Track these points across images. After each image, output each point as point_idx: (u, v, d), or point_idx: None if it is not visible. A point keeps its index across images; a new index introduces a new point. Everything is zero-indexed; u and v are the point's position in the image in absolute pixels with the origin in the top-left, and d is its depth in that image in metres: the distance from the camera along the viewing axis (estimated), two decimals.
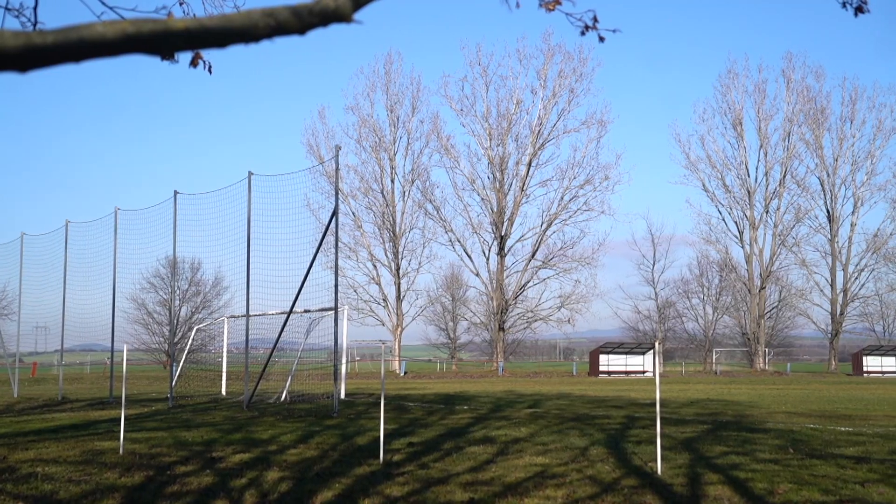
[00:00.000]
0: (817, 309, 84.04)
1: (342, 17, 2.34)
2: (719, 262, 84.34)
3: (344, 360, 28.28)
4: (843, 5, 6.75)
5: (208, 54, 5.84)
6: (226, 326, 34.67)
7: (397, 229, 73.03)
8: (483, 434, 16.40)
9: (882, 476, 11.09)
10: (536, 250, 72.25)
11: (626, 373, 67.90)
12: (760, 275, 79.23)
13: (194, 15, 6.21)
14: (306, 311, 25.66)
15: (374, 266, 73.73)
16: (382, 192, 72.98)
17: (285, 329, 25.28)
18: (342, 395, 27.77)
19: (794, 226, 79.60)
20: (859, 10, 6.69)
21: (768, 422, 20.00)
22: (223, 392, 32.55)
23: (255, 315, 26.18)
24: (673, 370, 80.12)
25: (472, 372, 73.29)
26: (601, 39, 6.16)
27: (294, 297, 24.02)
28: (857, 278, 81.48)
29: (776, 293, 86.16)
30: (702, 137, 79.83)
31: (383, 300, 74.16)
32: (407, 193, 73.46)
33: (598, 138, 71.63)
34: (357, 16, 2.44)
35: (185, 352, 35.85)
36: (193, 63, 5.29)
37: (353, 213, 73.04)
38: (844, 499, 9.48)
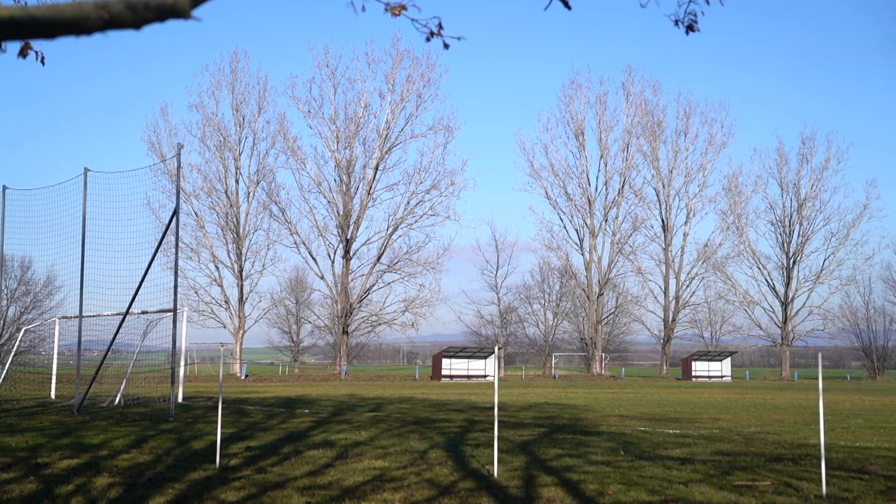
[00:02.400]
0: (651, 315, 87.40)
1: (180, 12, 2.30)
2: (560, 268, 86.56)
3: (182, 363, 27.59)
4: (676, 23, 7.05)
5: (40, 45, 5.60)
6: (57, 327, 33.25)
7: (241, 230, 71.77)
8: (323, 438, 16.31)
9: (704, 476, 11.63)
10: (382, 254, 72.40)
11: (468, 377, 68.75)
12: (599, 282, 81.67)
13: (25, 3, 5.95)
14: (144, 313, 24.92)
15: (217, 267, 72.29)
16: (226, 193, 71.61)
17: (121, 331, 24.46)
18: (179, 399, 27.06)
19: (631, 234, 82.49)
20: (690, 28, 7.00)
21: (602, 425, 20.65)
22: (52, 395, 31.19)
23: (89, 316, 25.21)
24: (514, 374, 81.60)
25: (315, 375, 72.73)
26: (446, 46, 6.24)
27: (131, 297, 23.27)
28: (688, 286, 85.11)
29: (613, 300, 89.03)
30: (545, 146, 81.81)
31: (225, 302, 72.74)
32: (252, 194, 72.36)
33: (445, 144, 72.48)
34: (197, 12, 2.41)
35: (12, 353, 34.18)
36: (23, 53, 5.06)
37: (196, 214, 71.37)
38: (669, 498, 9.89)
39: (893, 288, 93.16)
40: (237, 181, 71.96)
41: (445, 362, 69.20)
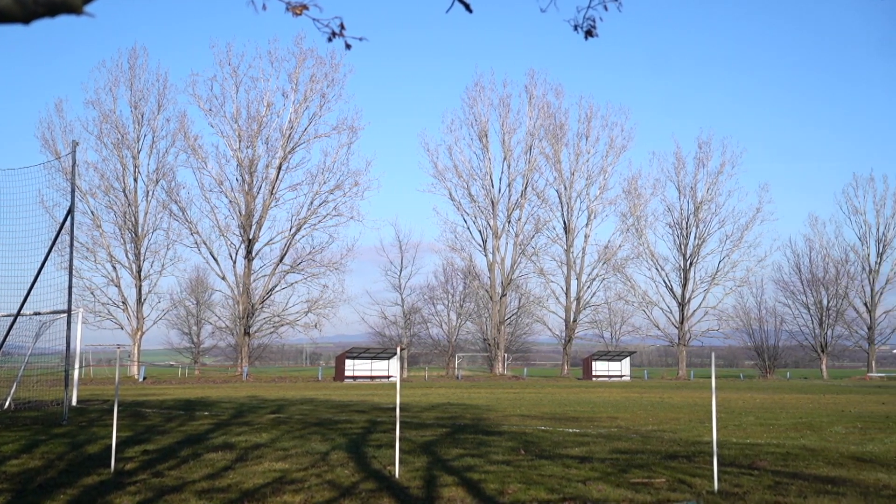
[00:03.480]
0: (553, 316, 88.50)
1: (71, 7, 2.26)
2: (463, 269, 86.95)
3: (77, 366, 26.85)
4: (575, 28, 7.18)
5: None
6: None
7: (140, 230, 70.19)
8: (223, 440, 16.09)
9: (602, 474, 11.84)
10: (285, 254, 71.70)
11: (372, 378, 68.60)
12: (502, 282, 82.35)
13: None
14: (36, 314, 24.19)
15: (114, 267, 70.53)
16: (124, 191, 69.93)
17: (12, 332, 23.68)
18: (74, 402, 26.35)
19: (533, 236, 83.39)
20: (589, 33, 7.14)
21: (503, 425, 20.85)
22: None
23: None
24: (417, 375, 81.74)
25: (216, 377, 71.63)
26: (348, 47, 6.22)
27: (23, 298, 22.55)
28: (589, 287, 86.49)
29: (516, 300, 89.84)
30: (449, 147, 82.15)
31: (123, 303, 71.05)
32: (151, 193, 70.81)
33: (349, 144, 72.11)
34: (90, 8, 2.37)
35: None
36: None
37: (92, 212, 69.51)
38: (567, 497, 10.05)
39: (784, 289, 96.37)
40: (136, 180, 70.38)
41: (349, 363, 68.91)
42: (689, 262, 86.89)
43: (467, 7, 6.13)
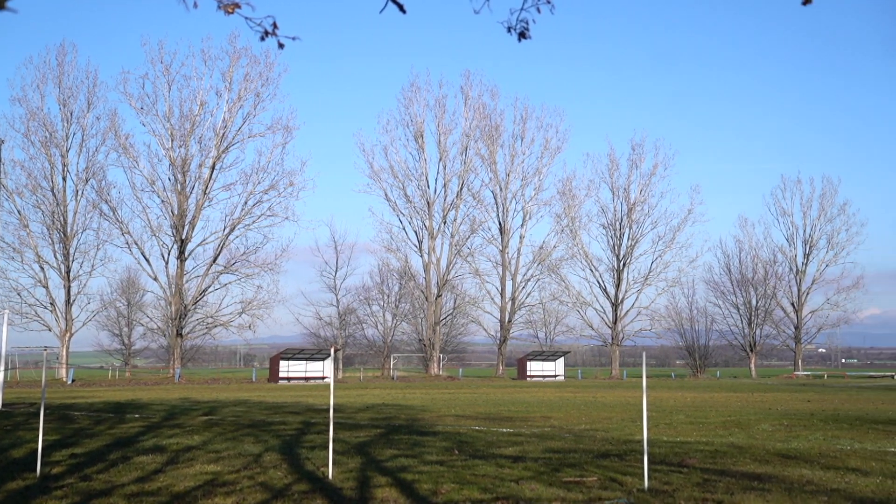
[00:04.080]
0: (488, 316, 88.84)
1: None
2: (399, 270, 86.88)
3: (2, 368, 26.24)
4: (509, 30, 7.23)
5: None
6: None
7: (69, 230, 68.81)
8: (153, 443, 15.86)
9: (535, 473, 11.93)
10: (218, 255, 70.89)
11: (306, 379, 68.18)
12: (437, 283, 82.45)
13: None
14: None
15: (42, 268, 69.04)
16: (53, 191, 68.48)
17: None
18: None
19: (469, 236, 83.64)
20: (522, 35, 7.19)
21: (438, 425, 20.88)
22: None
23: None
24: (352, 376, 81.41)
25: (147, 379, 70.53)
26: (280, 46, 6.20)
27: None
28: (524, 287, 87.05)
29: (451, 301, 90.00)
30: (385, 148, 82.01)
31: (51, 304, 69.58)
32: (80, 193, 69.44)
33: (284, 144, 71.66)
34: (13, 3, 2.33)
35: None
36: None
37: (19, 212, 67.94)
38: (500, 496, 10.10)
39: (714, 289, 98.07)
40: (64, 179, 68.98)
41: (283, 364, 68.41)
42: (622, 263, 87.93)
43: (401, 8, 6.15)
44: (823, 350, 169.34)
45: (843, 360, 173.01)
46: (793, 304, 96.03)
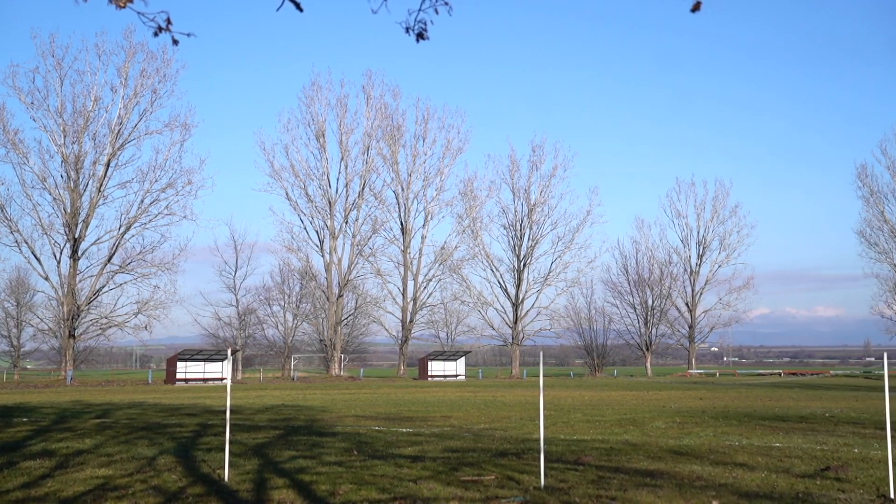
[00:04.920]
0: (390, 316, 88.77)
1: None
2: (300, 269, 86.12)
3: None
4: (407, 30, 7.26)
5: None
6: None
7: None
8: (42, 447, 15.39)
9: (434, 473, 11.98)
10: (113, 254, 69.19)
11: (205, 380, 67.09)
12: (339, 283, 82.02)
13: None
14: None
15: None
16: None
17: None
18: None
19: (371, 236, 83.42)
20: (420, 36, 7.23)
21: (338, 425, 20.79)
22: None
23: None
24: (252, 377, 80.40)
25: (37, 382, 68.42)
26: (175, 42, 6.09)
27: None
28: (425, 288, 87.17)
29: (353, 301, 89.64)
30: (286, 147, 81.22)
31: None
32: None
33: (182, 141, 70.31)
34: None
35: None
36: None
37: None
38: (398, 496, 10.12)
39: (612, 290, 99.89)
40: None
41: (181, 365, 67.18)
42: (522, 263, 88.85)
43: (297, 6, 6.12)
44: (716, 349, 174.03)
45: (729, 359, 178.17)
46: (687, 304, 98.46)
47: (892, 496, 10.02)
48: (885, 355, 11.77)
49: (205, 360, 68.86)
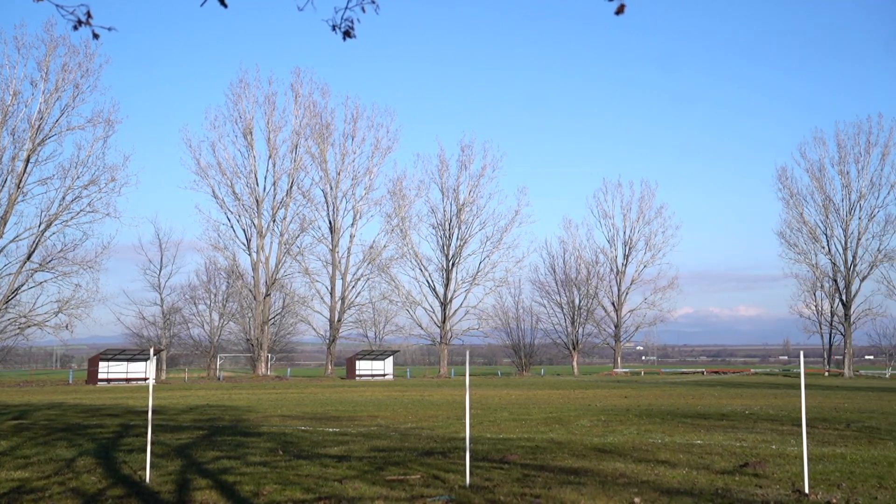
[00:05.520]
0: (318, 315, 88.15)
1: None
2: (227, 268, 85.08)
3: None
4: (333, 28, 7.22)
5: None
6: None
7: None
8: None
9: (359, 472, 11.94)
10: (33, 252, 67.42)
11: (128, 380, 65.92)
12: (266, 282, 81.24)
13: None
14: None
15: None
16: None
17: None
18: None
19: (298, 235, 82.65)
20: (347, 34, 7.20)
21: (263, 425, 20.60)
22: None
23: None
24: (177, 376, 79.28)
25: None
26: (95, 36, 5.98)
27: None
28: (354, 287, 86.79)
29: (280, 300, 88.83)
30: (213, 144, 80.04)
31: None
32: None
33: (105, 138, 68.71)
34: None
35: None
36: None
37: None
38: (323, 496, 10.06)
39: (540, 289, 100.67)
40: None
41: (103, 365, 65.91)
42: (451, 263, 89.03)
43: (222, 2, 6.04)
44: (641, 348, 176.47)
45: (653, 358, 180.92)
46: (613, 304, 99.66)
47: (806, 491, 10.28)
48: (802, 354, 12.07)
49: (128, 359, 67.68)
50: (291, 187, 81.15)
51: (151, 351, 13.81)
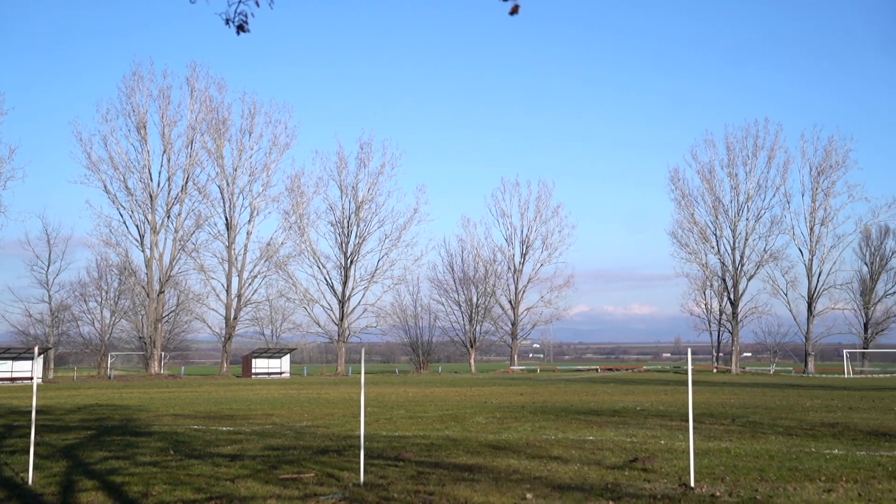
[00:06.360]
0: (213, 313, 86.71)
1: None
2: (119, 265, 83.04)
3: None
4: (227, 22, 7.14)
5: None
6: None
7: None
8: None
9: (252, 471, 11.81)
10: None
11: (12, 379, 63.77)
12: (160, 279, 79.60)
13: None
14: None
15: None
16: None
17: None
18: None
19: (194, 231, 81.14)
20: (241, 28, 7.14)
21: (154, 425, 20.19)
22: None
23: None
24: (65, 375, 77.09)
25: None
26: None
27: None
28: (250, 284, 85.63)
29: (175, 297, 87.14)
30: (105, 138, 77.90)
31: None
32: None
33: None
34: None
35: None
36: None
37: None
38: (214, 496, 9.92)
39: (438, 287, 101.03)
40: None
41: None
42: (349, 261, 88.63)
43: None
44: (538, 345, 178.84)
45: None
46: (510, 302, 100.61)
47: (692, 485, 10.57)
48: (689, 351, 12.41)
49: (12, 358, 65.47)
50: (187, 183, 79.64)
51: (36, 349, 13.40)
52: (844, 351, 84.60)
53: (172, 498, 9.79)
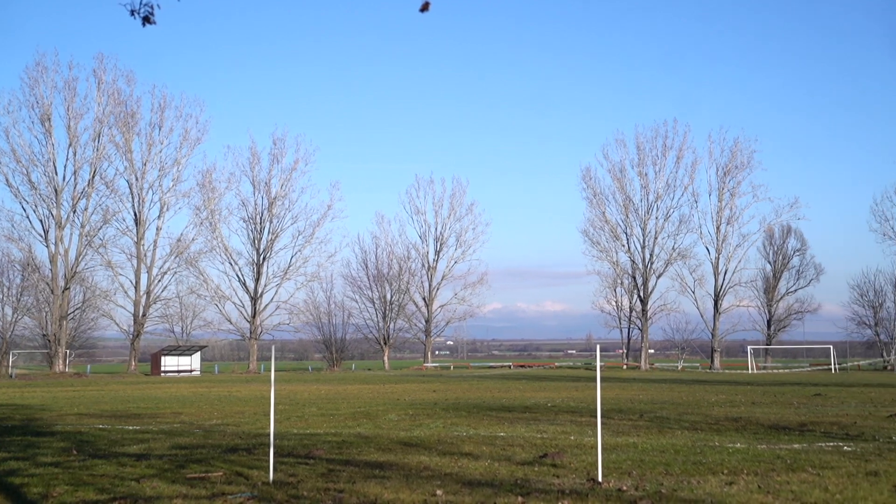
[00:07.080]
0: (121, 310, 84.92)
1: None
2: (22, 260, 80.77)
3: None
4: (132, 13, 6.97)
5: None
6: None
7: None
8: None
9: (159, 471, 11.58)
10: None
11: None
12: (65, 275, 77.63)
13: None
14: None
15: None
16: None
17: None
18: None
19: (101, 227, 79.38)
20: (147, 20, 6.98)
21: (57, 424, 19.68)
22: None
23: None
24: None
25: None
26: None
27: None
28: (160, 281, 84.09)
29: (81, 294, 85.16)
30: (6, 130, 75.63)
31: None
32: None
33: None
34: None
35: None
36: None
37: None
38: (118, 496, 9.69)
39: (352, 284, 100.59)
40: None
41: None
42: (262, 257, 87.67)
43: None
44: (451, 342, 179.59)
45: (463, 353, 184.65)
46: (424, 299, 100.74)
47: (600, 479, 10.72)
48: (598, 348, 12.59)
49: None
50: (94, 177, 77.80)
51: None
52: (748, 347, 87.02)
53: (74, 499, 9.54)
